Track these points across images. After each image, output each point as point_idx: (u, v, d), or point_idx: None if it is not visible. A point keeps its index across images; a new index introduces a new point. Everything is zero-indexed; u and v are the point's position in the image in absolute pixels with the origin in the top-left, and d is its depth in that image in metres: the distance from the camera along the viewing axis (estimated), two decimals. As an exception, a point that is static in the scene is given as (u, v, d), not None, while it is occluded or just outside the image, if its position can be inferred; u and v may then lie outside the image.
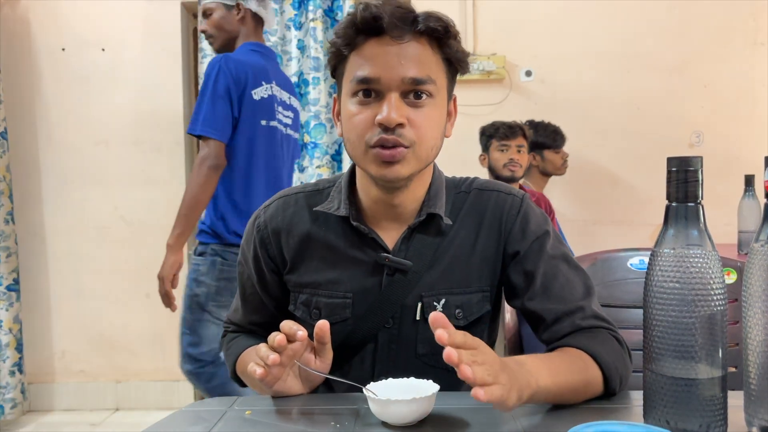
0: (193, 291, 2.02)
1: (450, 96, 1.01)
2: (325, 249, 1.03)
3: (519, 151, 2.55)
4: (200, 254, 2.04)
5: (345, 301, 1.01)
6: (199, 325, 2.03)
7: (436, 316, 0.71)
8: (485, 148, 2.64)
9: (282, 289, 1.08)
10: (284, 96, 2.20)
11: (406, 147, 0.92)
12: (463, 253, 1.02)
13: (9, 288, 3.04)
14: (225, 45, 2.17)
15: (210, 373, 2.07)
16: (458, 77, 1.02)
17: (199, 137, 1.98)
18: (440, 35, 0.94)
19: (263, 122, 2.08)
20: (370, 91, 0.93)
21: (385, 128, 0.91)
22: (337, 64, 0.98)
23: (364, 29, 0.93)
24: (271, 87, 2.12)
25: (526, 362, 0.80)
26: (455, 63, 0.98)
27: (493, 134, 2.59)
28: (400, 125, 0.91)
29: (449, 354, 0.68)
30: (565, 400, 0.86)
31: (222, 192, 2.03)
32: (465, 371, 0.68)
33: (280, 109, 2.16)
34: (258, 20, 2.19)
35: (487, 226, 1.03)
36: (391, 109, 0.91)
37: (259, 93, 2.06)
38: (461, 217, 1.03)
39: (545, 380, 0.80)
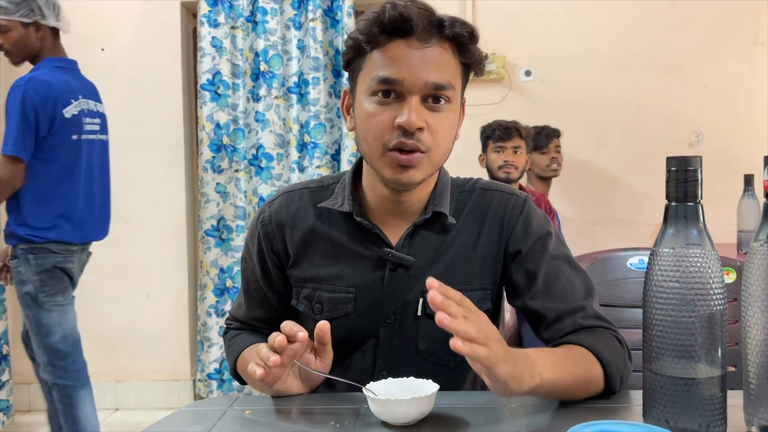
0: (22, 291, 2.19)
1: (462, 99, 1.01)
2: (329, 244, 1.04)
3: (516, 152, 2.53)
4: (14, 258, 2.20)
5: (347, 295, 1.02)
6: (41, 317, 2.19)
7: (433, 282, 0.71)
8: (483, 148, 2.63)
9: (285, 283, 1.08)
10: (90, 105, 2.32)
11: (423, 152, 0.93)
12: (465, 251, 1.02)
13: None
14: (25, 60, 2.26)
15: (62, 368, 2.24)
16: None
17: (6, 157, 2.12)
18: (465, 41, 0.94)
19: (74, 137, 2.23)
20: (390, 91, 0.92)
21: (405, 131, 0.91)
22: (353, 57, 0.98)
23: (390, 29, 0.92)
24: (79, 102, 2.25)
25: (531, 355, 0.80)
26: (473, 66, 0.98)
27: (489, 135, 2.58)
28: (419, 129, 0.92)
29: (433, 297, 0.69)
30: (566, 395, 0.87)
31: (28, 202, 2.16)
32: (442, 318, 0.68)
33: (87, 120, 2.29)
34: (56, 32, 2.27)
35: (489, 225, 1.03)
36: (412, 112, 0.91)
37: (69, 111, 2.21)
38: (464, 215, 1.04)
39: (549, 374, 0.80)
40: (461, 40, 0.94)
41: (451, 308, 0.70)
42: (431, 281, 0.71)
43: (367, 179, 1.04)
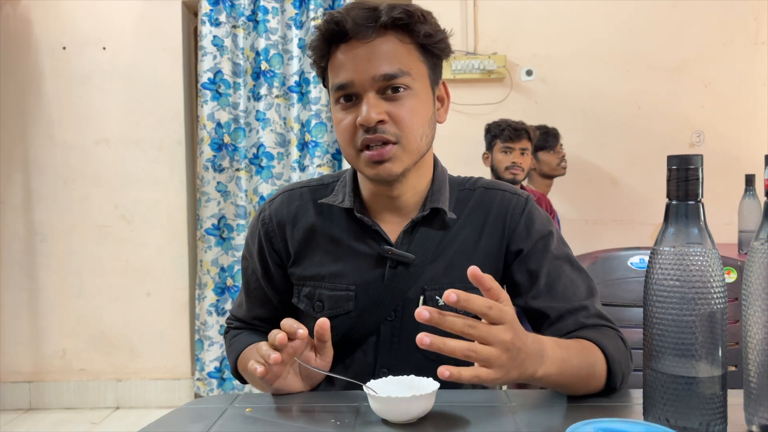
0: None
1: (436, 81, 1.01)
2: (329, 242, 1.04)
3: (522, 154, 2.52)
4: None
5: (348, 293, 1.02)
6: None
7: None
8: (489, 146, 2.60)
9: (286, 282, 1.09)
10: None
11: (394, 143, 0.94)
12: (466, 248, 1.02)
13: None
14: None
15: None
16: (456, 73, 1.02)
17: None
18: (405, 23, 0.94)
19: None
20: (350, 95, 0.95)
21: (367, 128, 0.93)
22: (319, 74, 1.02)
23: (331, 39, 0.95)
24: None
25: (547, 348, 0.79)
26: (430, 47, 0.98)
27: (498, 134, 2.55)
28: (381, 122, 0.93)
29: (421, 339, 0.68)
30: (566, 389, 0.87)
31: None
32: (444, 372, 0.67)
33: None
34: None
35: (491, 223, 1.03)
36: (369, 108, 0.92)
37: None
38: (465, 213, 1.04)
39: (553, 369, 0.79)
40: (401, 23, 0.94)
41: (448, 346, 0.69)
42: (448, 293, 0.68)
43: (361, 177, 1.05)
